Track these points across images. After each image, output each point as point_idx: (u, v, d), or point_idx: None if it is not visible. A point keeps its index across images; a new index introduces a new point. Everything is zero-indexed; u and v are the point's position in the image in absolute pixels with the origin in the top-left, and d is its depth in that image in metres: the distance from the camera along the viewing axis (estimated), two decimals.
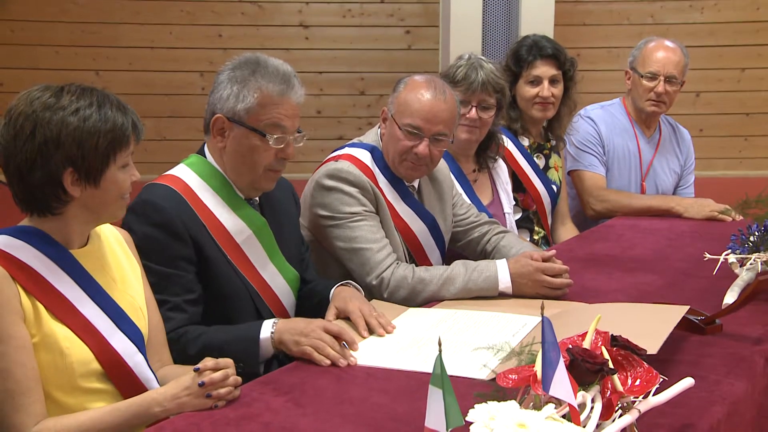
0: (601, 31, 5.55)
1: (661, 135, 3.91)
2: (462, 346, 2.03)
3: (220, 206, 2.20)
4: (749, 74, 5.61)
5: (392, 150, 2.64)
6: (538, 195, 3.47)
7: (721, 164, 5.66)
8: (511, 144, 3.43)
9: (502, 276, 2.47)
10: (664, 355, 1.87)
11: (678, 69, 3.69)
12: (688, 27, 5.54)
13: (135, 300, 1.91)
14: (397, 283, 2.47)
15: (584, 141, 3.78)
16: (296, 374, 1.89)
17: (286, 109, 2.18)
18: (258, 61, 2.19)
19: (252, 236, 2.24)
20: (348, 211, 2.54)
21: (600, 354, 1.48)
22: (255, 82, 2.15)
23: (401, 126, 2.60)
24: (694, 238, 3.18)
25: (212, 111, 2.20)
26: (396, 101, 2.64)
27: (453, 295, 2.46)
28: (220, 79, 2.19)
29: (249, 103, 2.14)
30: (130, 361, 1.82)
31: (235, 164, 2.21)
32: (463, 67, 3.02)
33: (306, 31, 5.47)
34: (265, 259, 2.27)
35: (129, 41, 5.32)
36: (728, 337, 2.08)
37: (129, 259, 1.97)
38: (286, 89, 2.17)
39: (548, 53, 3.43)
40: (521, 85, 3.46)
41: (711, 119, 5.64)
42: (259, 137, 2.16)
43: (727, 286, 2.36)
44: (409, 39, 5.54)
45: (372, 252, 2.51)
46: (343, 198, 2.55)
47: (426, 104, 2.59)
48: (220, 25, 5.38)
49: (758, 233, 2.40)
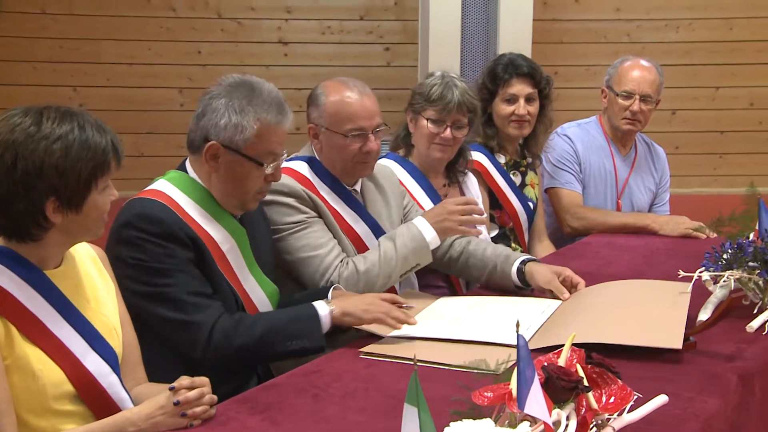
0: (579, 49, 5.60)
1: (637, 153, 3.95)
2: (498, 319, 2.33)
3: (204, 218, 2.21)
4: (723, 93, 5.68)
5: (340, 159, 2.64)
6: (514, 212, 3.49)
7: (696, 182, 5.71)
8: (487, 161, 3.45)
9: (423, 226, 2.59)
10: (638, 372, 1.89)
11: (653, 88, 3.72)
12: (664, 46, 5.60)
13: (109, 319, 1.90)
14: (346, 283, 2.49)
15: (561, 159, 3.80)
16: (273, 393, 1.89)
17: (279, 136, 2.22)
18: (252, 87, 2.20)
19: (235, 246, 2.26)
20: (289, 221, 2.54)
21: (575, 371, 1.49)
22: (254, 113, 2.17)
23: (345, 133, 2.60)
24: (669, 256, 3.21)
25: (205, 136, 2.19)
26: (325, 113, 2.62)
27: (395, 267, 2.55)
28: (214, 106, 2.19)
29: (248, 134, 2.17)
30: (103, 381, 1.80)
31: (226, 188, 2.23)
32: (438, 86, 3.03)
33: (285, 48, 5.48)
34: (246, 271, 2.29)
35: (108, 57, 5.31)
36: (702, 355, 2.10)
37: (103, 277, 1.96)
38: (282, 119, 2.21)
39: (524, 72, 3.46)
40: (497, 102, 3.48)
41: (686, 137, 5.69)
42: (255, 165, 2.20)
43: (701, 304, 2.38)
44: (389, 56, 5.56)
45: (320, 258, 2.51)
46: (281, 209, 2.54)
47: (358, 104, 2.60)
48: (200, 42, 5.38)
49: (731, 251, 2.42)
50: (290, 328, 2.11)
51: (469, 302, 2.58)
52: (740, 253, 2.40)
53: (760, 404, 2.04)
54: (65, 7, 5.27)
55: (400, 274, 2.59)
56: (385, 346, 2.15)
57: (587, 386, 1.47)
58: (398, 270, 2.57)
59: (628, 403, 1.50)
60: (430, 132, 3.04)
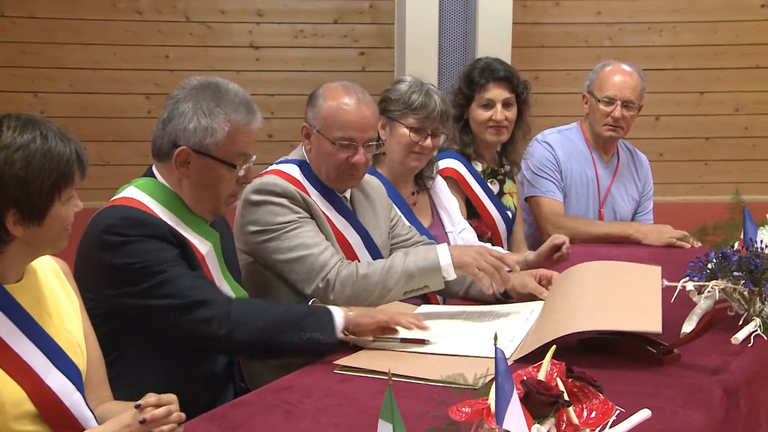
0: (560, 53, 5.64)
1: (619, 161, 3.98)
2: (482, 331, 2.35)
3: (178, 224, 2.21)
4: (708, 98, 5.73)
5: (326, 165, 2.64)
6: (492, 221, 3.51)
7: (681, 189, 5.76)
8: (463, 168, 3.47)
9: (441, 250, 2.51)
10: (620, 386, 1.90)
11: (635, 93, 3.75)
12: (647, 50, 5.65)
13: (73, 335, 1.88)
14: (342, 283, 2.47)
15: (541, 166, 3.83)
16: (243, 410, 1.89)
17: (250, 136, 2.23)
18: (218, 88, 2.21)
19: (212, 251, 2.28)
20: (281, 221, 2.52)
21: (555, 386, 1.50)
22: (224, 115, 2.17)
23: (333, 140, 2.60)
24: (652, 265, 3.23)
25: (173, 142, 2.19)
26: (319, 115, 2.63)
27: (397, 281, 2.48)
28: (181, 109, 2.19)
29: (219, 137, 2.17)
30: (66, 400, 1.79)
31: (198, 193, 2.24)
32: (418, 93, 3.04)
33: (257, 52, 5.49)
34: (221, 278, 2.29)
35: (71, 62, 5.29)
36: (686, 368, 2.11)
37: (66, 290, 1.94)
38: (252, 118, 2.22)
39: (501, 76, 3.48)
40: (474, 108, 3.50)
41: (670, 143, 5.74)
42: (227, 168, 2.20)
43: (686, 315, 2.40)
44: (364, 61, 5.58)
45: (314, 256, 2.49)
46: (273, 209, 2.53)
47: (353, 113, 2.60)
48: (167, 46, 5.37)
49: (716, 260, 2.44)
50: (305, 320, 2.16)
51: (450, 312, 2.61)
52: (725, 262, 2.42)
53: (746, 418, 2.05)
54: (25, 10, 5.25)
55: (403, 291, 2.52)
56: (359, 359, 2.15)
57: (568, 401, 1.48)
58: (401, 286, 2.50)
59: (610, 418, 1.51)
60: (410, 140, 3.05)
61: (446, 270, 2.49)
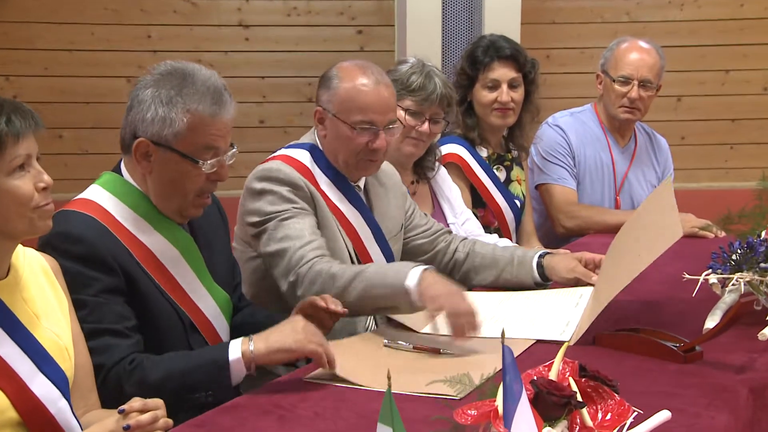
0: (573, 30, 5.63)
1: (637, 144, 3.99)
2: (534, 315, 2.45)
3: (142, 227, 2.19)
4: (734, 76, 5.71)
5: (344, 151, 2.65)
6: (499, 210, 3.52)
7: (705, 175, 5.75)
8: (467, 154, 3.48)
9: (414, 273, 2.29)
10: (639, 385, 1.91)
11: (653, 72, 3.76)
12: (667, 25, 5.63)
13: (60, 339, 1.88)
14: (311, 280, 2.39)
15: (552, 152, 3.84)
16: (232, 415, 1.89)
17: (218, 128, 2.17)
18: (184, 75, 2.17)
19: (179, 257, 2.24)
20: (273, 211, 2.51)
21: (567, 386, 1.51)
22: (183, 104, 2.13)
23: (352, 124, 2.61)
24: (673, 257, 3.20)
25: (133, 132, 2.17)
26: (335, 98, 2.63)
27: (358, 290, 2.33)
28: (140, 97, 2.16)
29: (178, 128, 2.13)
30: (52, 407, 1.79)
31: (162, 191, 2.21)
32: (418, 74, 3.05)
33: (246, 32, 5.47)
34: (195, 282, 2.27)
35: (45, 43, 5.27)
36: (709, 366, 2.12)
37: (56, 290, 1.94)
38: (219, 108, 2.16)
39: (506, 54, 3.49)
40: (478, 89, 3.51)
41: (693, 126, 5.73)
42: (191, 163, 2.16)
43: (708, 309, 2.41)
44: (362, 40, 5.57)
45: (293, 250, 2.44)
46: (270, 198, 2.53)
47: (372, 95, 2.60)
48: (150, 25, 5.36)
49: (741, 251, 2.45)
50: (191, 378, 2.00)
51: (497, 298, 2.68)
52: (751, 253, 2.42)
53: None
54: None
55: (366, 303, 2.36)
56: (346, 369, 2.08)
57: (581, 402, 1.49)
58: (362, 296, 2.34)
59: (627, 420, 1.52)
60: (407, 124, 3.06)
61: (413, 292, 2.28)
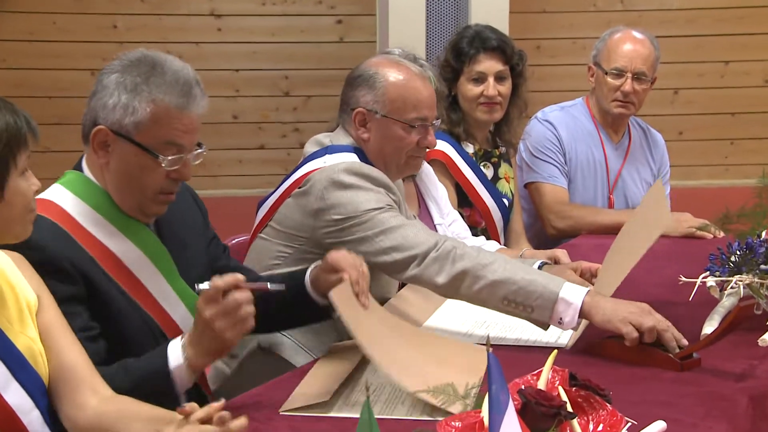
0: (564, 19, 5.65)
1: (631, 140, 4.00)
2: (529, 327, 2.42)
3: (107, 230, 2.18)
4: (734, 68, 5.75)
5: (394, 151, 2.70)
6: (486, 210, 3.53)
7: (704, 172, 5.79)
8: (452, 151, 3.49)
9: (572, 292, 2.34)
10: (632, 395, 1.92)
11: (647, 64, 3.77)
12: (663, 14, 5.66)
13: (35, 342, 1.86)
14: (462, 253, 2.41)
15: (542, 148, 3.85)
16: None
17: (184, 123, 2.15)
18: (153, 64, 2.15)
19: (146, 260, 2.22)
20: (371, 207, 2.54)
21: (557, 395, 1.52)
22: (148, 93, 2.12)
23: (408, 122, 2.66)
24: (669, 259, 3.25)
25: (93, 119, 2.16)
26: (384, 98, 2.67)
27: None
28: (105, 82, 2.16)
29: (140, 117, 2.11)
30: (24, 418, 1.78)
31: (119, 185, 2.19)
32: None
33: (218, 21, 5.47)
34: (164, 286, 2.25)
35: (2, 33, 5.25)
36: (707, 373, 2.14)
37: (22, 288, 1.90)
38: (187, 102, 2.14)
39: (493, 45, 3.50)
40: (463, 82, 3.53)
41: (691, 120, 5.76)
42: (150, 157, 2.14)
43: (706, 314, 2.43)
44: (341, 30, 5.58)
45: (415, 228, 2.51)
46: (366, 197, 2.55)
47: (424, 90, 2.69)
48: (116, 14, 5.35)
49: (740, 252, 2.46)
50: (139, 390, 1.95)
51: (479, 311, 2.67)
52: (750, 254, 2.44)
53: None
54: None
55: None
56: (308, 392, 2.07)
57: (571, 412, 1.50)
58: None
59: (620, 431, 1.53)
60: None
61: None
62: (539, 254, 3.09)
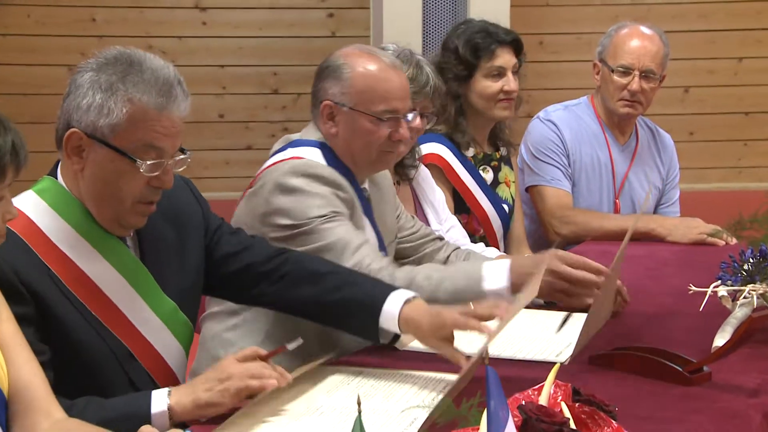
0: (568, 13, 5.65)
1: (638, 141, 4.01)
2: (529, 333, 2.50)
3: (80, 250, 2.13)
4: (748, 65, 5.76)
5: (364, 146, 2.68)
6: (485, 216, 3.54)
7: (716, 175, 5.79)
8: (449, 154, 3.49)
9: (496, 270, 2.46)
10: (639, 411, 1.93)
11: (656, 61, 3.78)
12: (674, 8, 5.67)
13: None
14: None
15: (544, 149, 3.85)
16: None
17: (164, 126, 2.11)
18: (131, 62, 2.12)
19: (123, 283, 2.18)
20: (315, 215, 2.54)
21: (559, 411, 1.52)
22: (125, 92, 2.08)
23: (376, 115, 2.64)
24: (678, 267, 3.26)
25: (67, 122, 2.13)
26: (351, 90, 2.66)
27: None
28: (78, 81, 2.12)
29: (116, 119, 2.07)
30: None
31: (95, 193, 2.14)
32: (407, 64, 3.04)
33: (203, 15, 5.47)
34: (144, 311, 2.20)
35: None
36: (718, 388, 2.13)
37: None
38: (166, 102, 2.10)
39: (508, 39, 3.54)
40: (479, 79, 3.53)
41: (703, 120, 5.77)
42: (128, 162, 2.09)
43: (717, 326, 2.42)
44: (333, 24, 5.58)
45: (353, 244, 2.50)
46: (310, 202, 2.54)
47: (392, 80, 2.66)
48: (94, 7, 5.34)
49: (753, 260, 2.46)
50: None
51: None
52: (764, 262, 2.44)
53: None
54: None
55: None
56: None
57: (574, 429, 1.50)
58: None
59: None
60: None
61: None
62: None
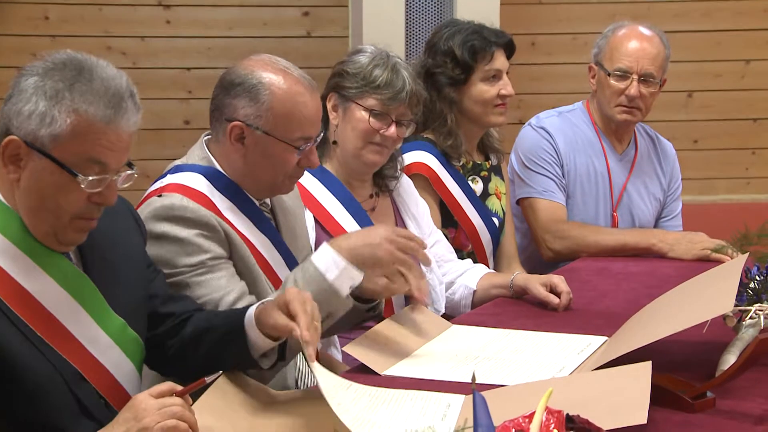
0: (562, 12, 5.67)
1: (637, 150, 4.03)
2: (523, 365, 2.49)
3: (20, 264, 2.13)
4: (755, 67, 5.78)
5: (272, 172, 2.68)
6: (473, 230, 3.55)
7: (722, 186, 5.80)
8: (437, 164, 3.51)
9: (322, 259, 2.51)
10: None
11: (656, 64, 3.80)
12: (676, 6, 5.69)
13: None
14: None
15: (536, 159, 3.87)
16: None
17: (110, 140, 2.10)
18: (81, 69, 2.11)
19: (68, 299, 2.18)
20: (188, 264, 2.56)
21: None
22: (71, 101, 2.07)
23: (292, 143, 2.63)
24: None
25: (5, 128, 2.11)
26: (269, 113, 2.63)
27: None
28: (22, 85, 2.10)
29: (58, 129, 2.06)
30: None
31: (30, 206, 2.13)
32: (382, 68, 3.07)
33: (167, 13, 5.46)
34: (92, 329, 2.21)
35: None
36: (722, 414, 2.14)
37: None
38: (114, 115, 2.09)
39: (504, 41, 3.58)
40: (475, 83, 3.56)
41: (708, 127, 5.78)
42: (68, 176, 2.08)
43: (722, 348, 2.44)
44: (309, 23, 5.59)
45: (213, 304, 2.54)
46: (179, 249, 2.56)
47: (311, 105, 2.66)
48: (47, 4, 5.31)
49: (760, 278, 2.48)
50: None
51: (488, 336, 2.77)
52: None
53: None
54: None
55: None
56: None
57: None
58: None
59: None
60: (369, 128, 3.07)
61: (341, 281, 2.48)
62: (532, 279, 3.11)
